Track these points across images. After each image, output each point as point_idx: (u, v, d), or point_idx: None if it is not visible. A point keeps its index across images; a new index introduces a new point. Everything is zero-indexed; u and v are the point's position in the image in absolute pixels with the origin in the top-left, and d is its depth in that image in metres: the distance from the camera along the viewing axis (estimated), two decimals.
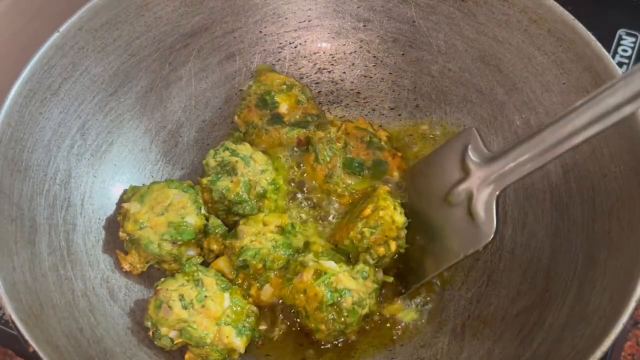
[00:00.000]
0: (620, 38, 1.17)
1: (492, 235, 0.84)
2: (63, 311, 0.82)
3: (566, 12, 0.87)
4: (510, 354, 0.83)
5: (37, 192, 0.87)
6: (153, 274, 0.95)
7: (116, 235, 0.94)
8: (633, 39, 1.17)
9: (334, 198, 0.98)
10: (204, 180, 0.94)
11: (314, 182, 0.99)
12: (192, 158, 1.03)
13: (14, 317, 0.74)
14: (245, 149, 0.96)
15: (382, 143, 0.99)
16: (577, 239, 0.86)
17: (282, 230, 0.92)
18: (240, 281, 0.91)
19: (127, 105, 0.98)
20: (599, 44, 0.84)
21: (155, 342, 0.86)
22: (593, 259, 0.82)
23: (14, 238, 0.82)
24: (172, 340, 0.85)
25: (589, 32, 0.85)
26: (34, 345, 0.73)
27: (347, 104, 1.08)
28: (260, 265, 0.89)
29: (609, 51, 0.94)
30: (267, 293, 0.91)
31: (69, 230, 0.89)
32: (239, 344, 0.86)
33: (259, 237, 0.90)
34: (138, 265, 0.92)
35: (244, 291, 0.90)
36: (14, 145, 0.85)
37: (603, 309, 0.76)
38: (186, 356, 0.87)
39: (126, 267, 0.92)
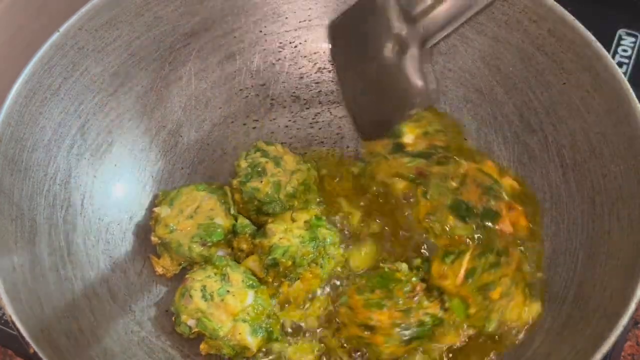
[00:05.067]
0: (620, 38, 1.17)
1: (436, 99, 0.86)
2: (63, 311, 0.82)
3: (566, 12, 0.87)
4: (510, 354, 0.83)
5: (37, 192, 0.87)
6: (151, 272, 0.95)
7: (116, 235, 0.94)
8: (633, 39, 1.17)
9: (431, 239, 0.91)
10: (235, 182, 0.96)
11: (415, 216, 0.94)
12: (192, 158, 1.03)
13: (14, 317, 0.73)
14: (275, 150, 0.97)
15: (502, 193, 0.90)
16: (577, 239, 0.86)
17: (309, 225, 0.91)
18: (270, 279, 0.91)
19: (127, 105, 0.98)
20: (599, 44, 0.84)
21: (176, 329, 0.88)
22: (593, 259, 0.82)
23: (14, 238, 0.82)
24: (190, 328, 0.86)
25: (589, 32, 0.85)
26: (33, 345, 0.72)
27: None
28: (290, 263, 0.89)
29: (609, 51, 0.94)
30: (298, 289, 0.91)
31: (69, 230, 0.89)
32: (252, 342, 0.86)
33: (287, 234, 0.90)
34: (171, 268, 0.94)
35: (274, 289, 0.90)
36: (14, 145, 0.85)
37: (603, 309, 0.76)
38: (201, 346, 0.88)
39: (159, 270, 0.94)
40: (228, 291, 0.86)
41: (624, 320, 0.71)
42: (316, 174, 0.99)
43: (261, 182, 0.94)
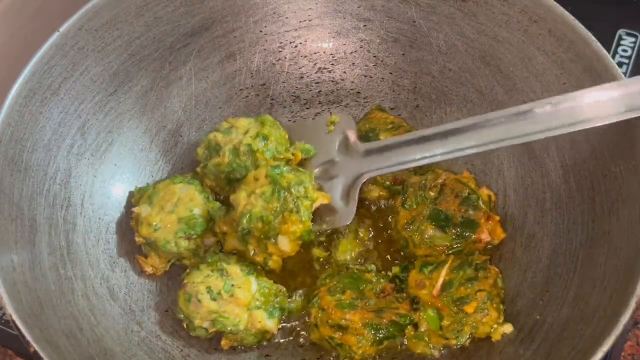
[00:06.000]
0: (620, 38, 1.17)
1: (350, 221, 0.93)
2: (63, 311, 0.82)
3: (566, 12, 0.87)
4: (511, 354, 0.83)
5: (37, 192, 0.87)
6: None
7: (116, 235, 0.94)
8: (633, 39, 1.17)
9: (410, 248, 0.92)
10: (198, 169, 0.96)
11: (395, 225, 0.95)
12: (192, 158, 1.03)
13: (14, 317, 0.74)
14: (227, 123, 0.96)
15: (480, 202, 0.91)
16: (577, 239, 0.86)
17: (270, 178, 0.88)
18: (253, 247, 0.89)
19: (127, 105, 0.98)
20: (599, 44, 0.84)
21: (191, 333, 0.88)
22: (593, 259, 0.82)
23: (14, 238, 0.82)
24: (206, 330, 0.87)
25: (589, 32, 0.85)
26: (34, 345, 0.73)
27: (347, 104, 1.08)
28: (260, 225, 0.86)
29: (609, 51, 0.94)
30: (285, 242, 0.88)
31: (69, 230, 0.90)
32: (271, 325, 0.88)
33: (250, 198, 0.88)
34: (160, 266, 0.93)
35: (265, 254, 0.89)
36: (14, 145, 0.85)
37: (603, 309, 0.76)
38: (222, 342, 0.88)
39: (148, 270, 0.93)
40: (233, 285, 0.86)
41: (624, 320, 0.71)
42: (281, 131, 0.96)
43: (219, 155, 0.93)
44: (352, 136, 0.97)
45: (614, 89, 0.78)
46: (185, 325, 0.88)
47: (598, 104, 0.78)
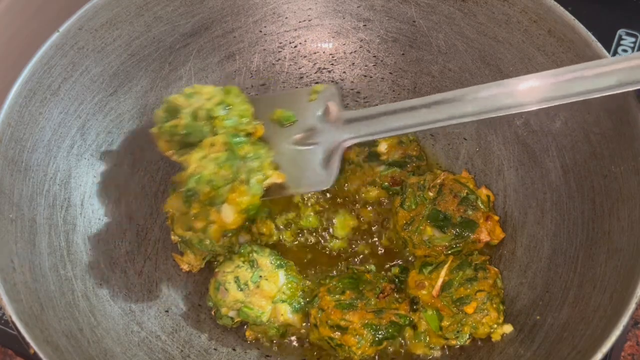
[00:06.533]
0: (620, 38, 1.17)
1: (330, 185, 0.90)
2: (63, 311, 0.82)
3: (566, 13, 0.87)
4: (511, 354, 0.84)
5: (37, 192, 0.87)
6: (151, 272, 0.95)
7: (116, 235, 0.94)
8: (633, 39, 1.17)
9: (409, 249, 0.93)
10: (153, 130, 0.90)
11: (393, 225, 0.96)
12: None
13: (14, 318, 0.74)
14: (191, 88, 0.92)
15: (479, 202, 0.92)
16: (577, 239, 0.86)
17: (228, 145, 0.86)
18: (195, 211, 0.84)
19: (127, 105, 0.98)
20: (599, 44, 0.84)
21: (218, 321, 0.90)
22: (593, 259, 0.82)
23: (14, 238, 0.82)
24: (232, 319, 0.89)
25: (589, 33, 0.85)
26: (33, 345, 0.73)
27: (347, 104, 1.08)
28: (207, 189, 0.83)
29: (609, 51, 0.94)
30: (229, 213, 0.84)
31: (69, 230, 0.90)
32: (295, 320, 0.89)
33: (203, 161, 0.85)
34: (195, 264, 0.95)
35: (206, 221, 0.84)
36: (14, 145, 0.85)
37: (603, 309, 0.76)
38: (247, 333, 0.91)
39: (185, 267, 0.95)
40: (261, 277, 0.88)
41: (624, 320, 0.71)
42: (246, 104, 0.92)
43: (177, 117, 0.88)
44: (334, 106, 0.94)
45: (550, 77, 0.79)
46: (213, 313, 0.91)
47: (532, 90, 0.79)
